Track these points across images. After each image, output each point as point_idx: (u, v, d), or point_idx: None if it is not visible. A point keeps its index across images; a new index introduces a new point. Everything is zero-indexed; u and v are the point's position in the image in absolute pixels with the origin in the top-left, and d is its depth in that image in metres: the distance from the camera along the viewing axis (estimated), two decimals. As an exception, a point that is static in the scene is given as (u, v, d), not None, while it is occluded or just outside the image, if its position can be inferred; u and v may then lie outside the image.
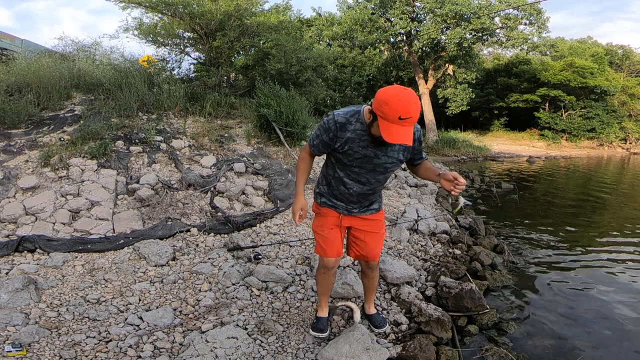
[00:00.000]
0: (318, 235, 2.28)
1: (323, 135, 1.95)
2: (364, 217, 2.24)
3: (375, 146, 1.89)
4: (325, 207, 2.24)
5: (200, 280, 3.05)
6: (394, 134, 1.66)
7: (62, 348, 2.18)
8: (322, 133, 1.95)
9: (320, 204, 2.26)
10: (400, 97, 1.63)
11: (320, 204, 2.26)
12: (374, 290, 2.63)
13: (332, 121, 1.90)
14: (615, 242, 5.21)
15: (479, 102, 23.48)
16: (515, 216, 6.55)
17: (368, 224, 2.26)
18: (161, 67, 8.84)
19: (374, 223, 2.28)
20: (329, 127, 1.91)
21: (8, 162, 4.53)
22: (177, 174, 5.02)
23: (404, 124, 1.65)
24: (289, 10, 10.40)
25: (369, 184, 2.07)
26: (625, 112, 25.35)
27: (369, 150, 1.90)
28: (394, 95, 1.64)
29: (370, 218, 2.26)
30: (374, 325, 2.57)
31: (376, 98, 1.71)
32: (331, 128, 1.91)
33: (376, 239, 2.30)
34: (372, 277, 2.49)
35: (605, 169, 15.72)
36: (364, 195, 2.14)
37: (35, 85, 6.21)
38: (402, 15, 16.65)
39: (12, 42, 10.10)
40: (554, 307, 3.29)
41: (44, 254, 3.39)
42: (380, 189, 2.23)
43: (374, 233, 2.28)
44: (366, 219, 2.25)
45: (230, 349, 2.20)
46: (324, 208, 2.24)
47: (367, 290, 2.59)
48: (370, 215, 2.25)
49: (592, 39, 32.98)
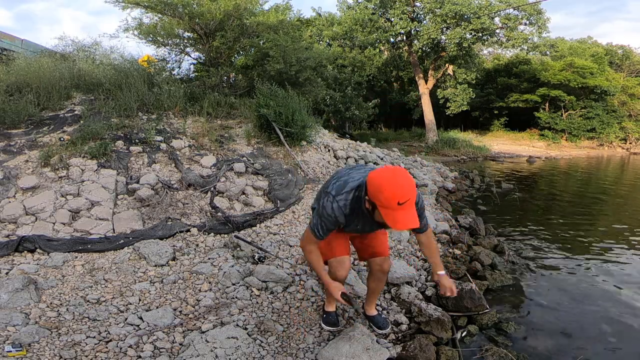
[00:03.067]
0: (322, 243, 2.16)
1: (330, 226, 1.93)
2: None
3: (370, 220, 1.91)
4: None
5: (200, 280, 3.05)
6: (399, 220, 1.66)
7: (62, 348, 2.18)
8: (328, 224, 1.92)
9: None
10: (392, 183, 1.63)
11: None
12: (378, 294, 2.62)
13: (340, 212, 1.88)
14: (616, 242, 5.21)
15: (479, 102, 23.48)
16: (515, 216, 6.54)
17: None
18: (161, 67, 8.85)
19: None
20: (336, 219, 1.90)
21: (8, 162, 4.53)
22: (177, 174, 5.02)
23: (404, 208, 1.64)
24: (288, 10, 10.39)
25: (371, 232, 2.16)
26: (625, 112, 25.34)
27: (374, 225, 1.97)
28: (386, 182, 1.64)
29: None
30: (377, 327, 2.56)
31: (369, 188, 1.71)
32: (339, 220, 1.90)
33: (382, 233, 2.32)
34: (382, 280, 2.44)
35: (605, 169, 15.72)
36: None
37: (35, 85, 6.21)
38: (402, 15, 16.65)
39: (12, 42, 10.09)
40: (554, 307, 3.29)
41: (44, 254, 3.39)
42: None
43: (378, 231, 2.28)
44: None
45: (230, 349, 2.20)
46: None
47: (371, 293, 2.56)
48: None
49: (592, 39, 32.98)
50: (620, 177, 13.32)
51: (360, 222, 1.96)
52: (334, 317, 2.55)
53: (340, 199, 1.88)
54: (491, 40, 16.97)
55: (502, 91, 24.83)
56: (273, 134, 6.56)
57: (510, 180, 10.41)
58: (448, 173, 10.19)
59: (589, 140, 24.58)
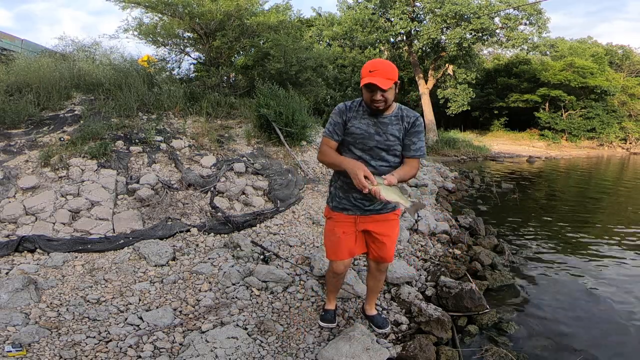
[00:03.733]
0: (328, 239, 2.30)
1: (336, 118, 2.15)
2: (381, 216, 2.23)
3: (373, 121, 2.11)
4: (337, 211, 2.25)
5: (200, 280, 3.05)
6: (368, 80, 1.96)
7: (62, 348, 2.18)
8: (335, 118, 2.16)
9: (332, 208, 2.28)
10: (370, 61, 2.02)
11: (332, 208, 2.28)
12: (378, 293, 2.65)
13: (342, 105, 2.19)
14: (615, 242, 5.21)
15: (479, 102, 23.49)
16: (515, 216, 6.54)
17: (384, 227, 2.26)
18: (161, 67, 8.85)
19: (389, 224, 2.28)
20: (339, 110, 2.17)
21: (8, 162, 4.53)
22: (177, 174, 5.02)
23: (374, 75, 1.96)
24: (289, 10, 10.39)
25: (375, 160, 2.13)
26: (625, 112, 25.36)
27: (370, 127, 2.11)
28: (368, 62, 2.04)
29: (387, 218, 2.26)
30: (376, 326, 2.57)
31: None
32: (341, 110, 2.16)
33: (392, 241, 2.32)
34: (380, 279, 2.51)
35: (605, 169, 15.72)
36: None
37: (35, 85, 6.21)
38: (402, 15, 16.66)
39: (12, 42, 10.09)
40: (554, 307, 3.29)
41: (44, 254, 3.39)
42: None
43: (388, 236, 2.28)
44: (383, 221, 2.25)
45: (230, 349, 2.20)
46: (336, 213, 2.25)
47: (370, 292, 2.59)
48: (386, 214, 2.25)
49: (592, 39, 33.00)
50: (620, 177, 13.31)
51: (364, 121, 2.12)
52: (331, 314, 2.59)
53: (342, 103, 2.22)
54: (491, 40, 16.97)
55: (502, 91, 24.84)
56: (273, 134, 6.56)
57: (510, 180, 10.41)
58: (448, 173, 10.19)
59: (589, 140, 24.60)
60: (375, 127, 2.10)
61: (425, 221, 4.65)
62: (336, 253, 2.28)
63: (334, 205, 2.26)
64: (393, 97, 2.07)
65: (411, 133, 2.13)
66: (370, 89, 1.99)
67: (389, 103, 2.06)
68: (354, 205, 2.20)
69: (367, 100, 2.05)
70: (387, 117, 2.12)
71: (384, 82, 1.94)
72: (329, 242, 2.31)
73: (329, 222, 2.31)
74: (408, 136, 2.13)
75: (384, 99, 2.01)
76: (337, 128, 2.14)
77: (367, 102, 2.07)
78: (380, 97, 2.00)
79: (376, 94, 1.99)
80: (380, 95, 1.99)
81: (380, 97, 2.00)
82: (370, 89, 1.99)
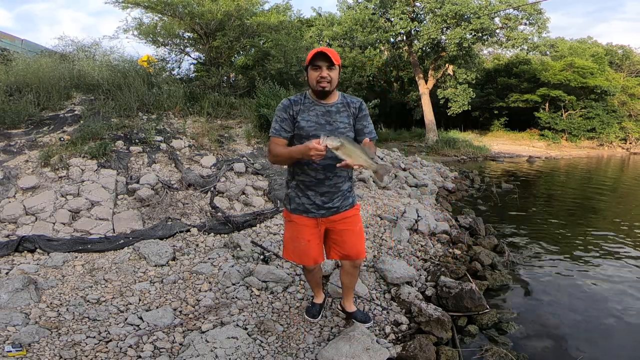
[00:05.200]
0: (292, 243, 2.24)
1: (282, 115, 2.09)
2: (340, 215, 2.19)
3: (321, 112, 2.09)
4: (297, 214, 2.18)
5: (200, 280, 3.05)
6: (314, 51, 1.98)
7: (62, 348, 2.18)
8: (280, 114, 2.10)
9: (291, 211, 2.20)
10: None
11: (291, 211, 2.20)
12: (353, 289, 2.60)
13: (285, 101, 2.14)
14: (616, 242, 5.21)
15: (479, 102, 23.47)
16: (515, 216, 6.54)
17: (343, 223, 2.21)
18: (161, 67, 8.85)
19: (349, 220, 2.22)
20: (284, 106, 2.11)
21: (8, 162, 4.53)
22: (177, 174, 5.02)
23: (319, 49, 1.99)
24: (289, 10, 10.41)
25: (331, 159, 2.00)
26: (625, 112, 25.34)
27: (319, 117, 2.08)
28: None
29: (346, 216, 2.21)
30: (360, 322, 2.55)
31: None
32: (286, 105, 2.11)
33: (354, 236, 2.25)
34: (356, 275, 2.47)
35: (605, 169, 15.72)
36: (332, 179, 2.11)
37: (35, 86, 6.22)
38: (402, 15, 16.65)
39: (12, 42, 10.10)
40: (554, 307, 3.29)
41: (44, 254, 3.39)
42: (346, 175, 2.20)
43: (349, 230, 2.22)
44: (343, 219, 2.20)
45: (230, 349, 2.20)
46: (296, 215, 2.18)
47: (346, 289, 2.54)
48: (345, 212, 2.20)
49: (592, 39, 32.98)
50: (620, 177, 13.31)
51: (312, 112, 2.08)
52: (317, 309, 2.60)
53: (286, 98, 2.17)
54: (491, 40, 16.96)
55: (502, 91, 24.83)
56: (273, 134, 6.55)
57: (510, 180, 10.41)
58: (448, 173, 10.19)
59: (589, 140, 24.58)
60: (324, 117, 2.08)
61: (425, 221, 4.64)
62: (301, 258, 2.25)
63: (292, 207, 2.19)
64: (337, 80, 2.05)
65: (360, 118, 2.15)
66: (317, 66, 1.98)
67: (334, 86, 2.04)
68: (313, 204, 2.14)
69: (313, 81, 2.03)
70: (334, 105, 2.11)
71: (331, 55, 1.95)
72: (292, 246, 2.24)
73: (290, 226, 2.23)
74: (359, 121, 2.14)
75: (329, 78, 1.99)
76: (285, 124, 2.07)
77: (312, 84, 2.04)
78: (326, 74, 1.98)
79: (322, 70, 1.98)
80: (327, 73, 1.98)
81: (327, 74, 1.98)
82: (317, 66, 1.98)
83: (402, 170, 8.23)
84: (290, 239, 2.24)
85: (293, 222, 2.20)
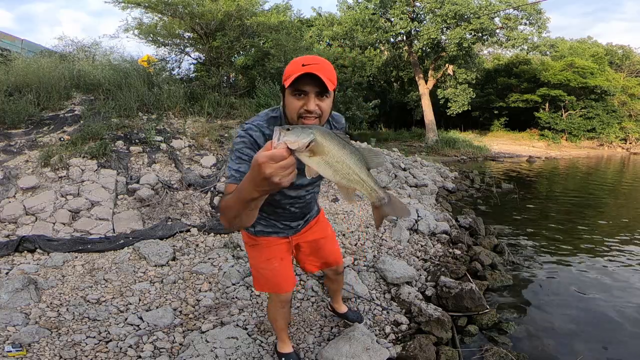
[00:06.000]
0: (261, 272, 1.84)
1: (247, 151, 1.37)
2: (309, 225, 1.93)
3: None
4: (263, 236, 1.79)
5: (200, 280, 3.05)
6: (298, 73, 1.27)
7: (62, 348, 2.18)
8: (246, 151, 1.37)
9: (256, 233, 1.79)
10: (301, 57, 1.37)
11: (256, 233, 1.79)
12: (341, 291, 2.53)
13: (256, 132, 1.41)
14: (615, 241, 5.21)
15: (479, 102, 23.50)
16: (515, 216, 6.54)
17: (313, 232, 1.95)
18: (161, 67, 8.86)
19: (318, 227, 1.98)
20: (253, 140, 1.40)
21: (8, 162, 4.53)
22: (177, 174, 5.02)
23: (309, 69, 1.27)
24: (289, 10, 10.41)
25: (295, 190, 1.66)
26: (625, 112, 25.38)
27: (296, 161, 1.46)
28: (296, 58, 1.37)
29: (315, 223, 1.97)
30: (353, 321, 2.52)
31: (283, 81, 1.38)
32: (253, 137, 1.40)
33: (329, 241, 2.04)
34: (340, 280, 2.34)
35: (605, 169, 15.72)
36: (306, 205, 1.80)
37: (35, 86, 6.22)
38: (402, 15, 16.68)
39: (12, 43, 10.11)
40: (554, 307, 3.29)
41: (44, 254, 3.39)
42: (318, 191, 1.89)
43: (322, 238, 1.99)
44: (310, 228, 1.94)
45: (230, 349, 2.20)
46: (263, 238, 1.79)
47: (334, 293, 2.47)
48: (311, 221, 1.95)
49: (592, 39, 33.00)
50: (620, 177, 13.31)
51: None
52: (294, 357, 2.15)
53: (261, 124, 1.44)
54: (491, 40, 16.99)
55: (502, 91, 24.86)
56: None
57: (510, 180, 10.41)
58: (448, 173, 10.19)
59: (589, 140, 24.61)
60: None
61: (425, 221, 4.64)
62: (278, 282, 1.85)
63: (257, 230, 1.77)
64: (330, 110, 1.40)
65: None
66: (301, 92, 1.31)
67: (324, 121, 1.38)
68: (284, 227, 1.79)
69: (293, 113, 1.33)
70: None
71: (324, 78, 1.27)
72: (263, 272, 1.83)
73: (256, 250, 1.81)
74: None
75: (319, 112, 1.32)
76: (243, 166, 1.36)
77: (291, 116, 1.34)
78: (314, 105, 1.31)
79: (310, 100, 1.30)
80: (316, 104, 1.31)
81: (316, 106, 1.31)
82: (302, 92, 1.31)
83: (402, 170, 8.23)
84: (259, 265, 1.83)
85: (259, 245, 1.80)
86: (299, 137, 0.91)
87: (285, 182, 0.89)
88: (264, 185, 0.91)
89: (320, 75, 1.26)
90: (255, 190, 0.95)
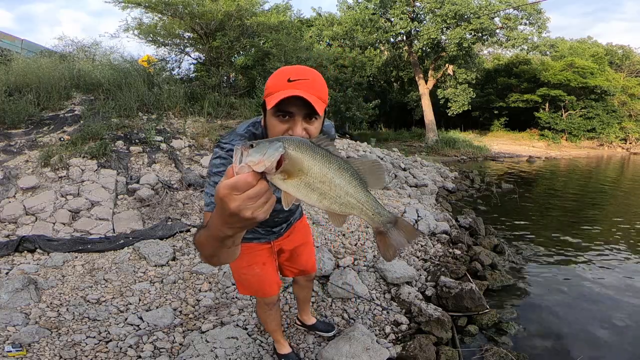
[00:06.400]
0: (246, 276, 1.78)
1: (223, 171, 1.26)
2: (290, 230, 1.87)
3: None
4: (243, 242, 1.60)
5: (200, 280, 3.05)
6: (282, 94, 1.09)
7: (62, 348, 2.18)
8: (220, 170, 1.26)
9: None
10: (287, 67, 1.21)
11: None
12: (310, 301, 2.45)
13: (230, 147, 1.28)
14: (616, 242, 5.21)
15: (479, 102, 23.50)
16: (515, 216, 6.54)
17: (296, 237, 1.90)
18: (161, 67, 8.86)
19: (301, 232, 1.93)
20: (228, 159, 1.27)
21: (8, 162, 4.53)
22: (177, 174, 5.03)
23: (296, 85, 1.11)
24: (289, 11, 10.42)
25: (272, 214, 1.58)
26: (626, 112, 25.37)
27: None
28: (281, 68, 1.21)
29: (297, 227, 1.91)
30: (324, 332, 2.45)
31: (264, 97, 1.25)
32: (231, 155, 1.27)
33: (309, 249, 1.99)
34: (310, 287, 2.28)
35: (606, 169, 15.72)
36: (291, 212, 1.79)
37: (35, 86, 6.22)
38: (402, 15, 16.68)
39: (12, 43, 10.11)
40: (554, 307, 3.29)
41: (44, 254, 3.39)
42: None
43: (302, 244, 1.93)
44: (291, 233, 1.88)
45: (230, 349, 2.20)
46: (243, 244, 1.62)
47: (302, 302, 2.38)
48: (295, 224, 1.90)
49: (592, 39, 32.98)
50: (620, 177, 13.31)
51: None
52: (293, 358, 2.16)
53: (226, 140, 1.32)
54: (491, 40, 17.00)
55: (502, 91, 24.86)
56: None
57: (510, 180, 10.41)
58: (448, 173, 10.19)
59: (589, 140, 24.61)
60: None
61: (425, 221, 4.65)
62: (264, 289, 1.83)
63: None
64: (319, 132, 1.22)
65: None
66: (286, 113, 1.12)
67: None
68: (267, 232, 1.75)
69: (275, 135, 1.16)
70: None
71: (314, 99, 1.09)
72: (245, 277, 1.79)
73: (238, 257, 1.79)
74: None
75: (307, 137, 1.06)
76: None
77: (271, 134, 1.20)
78: (302, 130, 1.13)
79: (296, 126, 1.13)
80: (304, 127, 1.14)
81: (303, 130, 1.14)
82: (287, 113, 1.13)
83: (402, 170, 8.23)
84: (240, 270, 1.78)
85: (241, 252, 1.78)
86: (265, 155, 0.68)
87: (260, 215, 0.71)
88: (234, 222, 0.73)
89: (308, 98, 1.07)
90: (225, 227, 0.76)
